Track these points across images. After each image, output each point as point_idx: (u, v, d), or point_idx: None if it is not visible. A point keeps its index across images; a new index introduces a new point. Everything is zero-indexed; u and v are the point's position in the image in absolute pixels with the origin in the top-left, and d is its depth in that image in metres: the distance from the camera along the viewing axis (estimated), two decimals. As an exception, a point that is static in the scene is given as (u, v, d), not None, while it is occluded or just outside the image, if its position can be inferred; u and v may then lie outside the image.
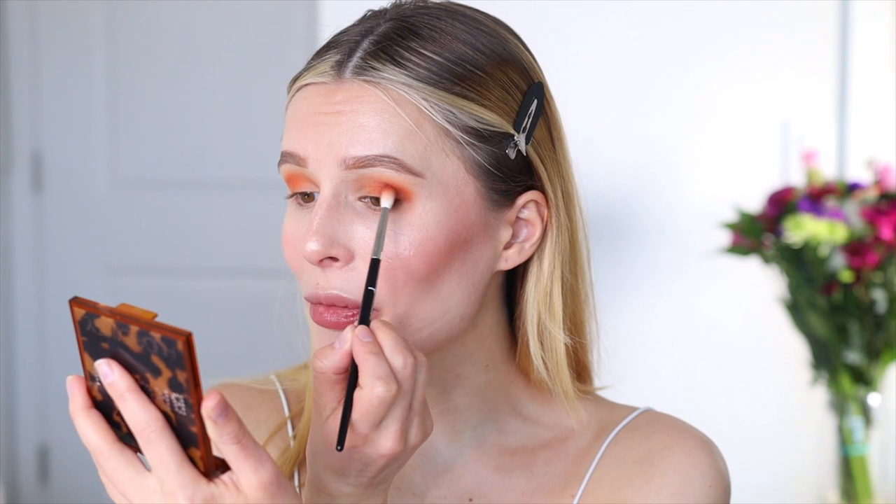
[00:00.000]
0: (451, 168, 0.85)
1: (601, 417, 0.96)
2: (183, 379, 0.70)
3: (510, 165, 0.87)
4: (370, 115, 0.83)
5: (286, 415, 0.98)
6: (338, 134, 0.84)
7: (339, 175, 0.84)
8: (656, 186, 2.27)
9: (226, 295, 3.11)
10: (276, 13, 3.05)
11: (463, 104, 0.84)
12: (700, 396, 2.22)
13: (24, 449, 3.27)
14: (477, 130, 0.85)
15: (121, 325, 0.71)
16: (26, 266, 3.27)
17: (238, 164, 3.10)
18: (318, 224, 0.83)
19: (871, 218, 1.94)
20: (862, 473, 1.98)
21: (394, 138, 0.83)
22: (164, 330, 0.70)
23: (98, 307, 0.72)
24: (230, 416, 0.71)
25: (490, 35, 0.88)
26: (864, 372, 1.99)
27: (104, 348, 0.73)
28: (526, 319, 0.91)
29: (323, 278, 0.85)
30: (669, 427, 0.95)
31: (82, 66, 3.19)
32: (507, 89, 0.87)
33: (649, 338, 2.28)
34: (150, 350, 0.71)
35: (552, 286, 0.90)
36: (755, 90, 2.25)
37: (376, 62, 0.84)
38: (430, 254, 0.84)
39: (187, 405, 0.71)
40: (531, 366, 0.92)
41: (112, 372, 0.72)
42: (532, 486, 0.93)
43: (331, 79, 0.85)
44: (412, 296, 0.84)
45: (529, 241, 0.89)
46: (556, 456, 0.94)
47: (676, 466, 0.91)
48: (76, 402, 0.75)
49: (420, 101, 0.83)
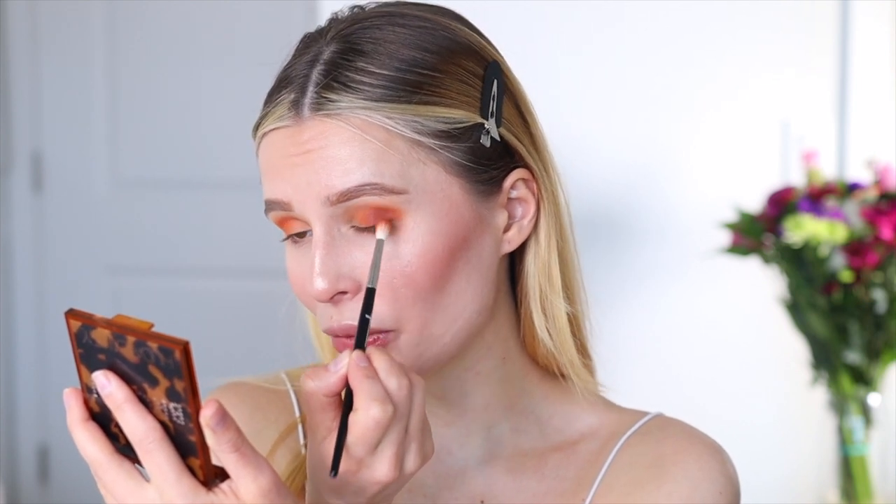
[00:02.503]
0: (431, 175, 0.84)
1: (612, 422, 0.96)
2: (181, 388, 0.70)
3: (488, 154, 0.86)
4: (340, 147, 0.83)
5: (296, 415, 0.97)
6: (314, 172, 0.83)
7: (326, 212, 0.84)
8: (656, 186, 2.27)
9: (226, 295, 3.12)
10: (275, 13, 3.05)
11: (426, 111, 0.84)
12: (700, 396, 2.22)
13: (24, 449, 3.27)
14: (447, 132, 0.84)
15: (117, 336, 0.71)
16: (26, 266, 3.27)
17: (238, 164, 3.10)
18: (320, 264, 0.83)
19: (871, 218, 1.94)
20: (862, 473, 1.98)
21: (369, 164, 0.82)
22: (160, 339, 0.69)
23: (94, 319, 0.72)
24: (229, 425, 0.71)
25: (433, 30, 0.87)
26: (864, 372, 1.99)
27: (101, 359, 0.73)
28: (528, 294, 0.91)
29: (336, 312, 0.85)
30: (680, 433, 0.95)
31: (82, 66, 3.19)
32: (464, 80, 0.86)
33: (649, 338, 2.28)
34: (147, 360, 0.70)
35: (549, 256, 0.90)
36: (755, 90, 2.25)
37: (330, 93, 0.83)
38: (431, 264, 0.84)
39: (185, 414, 0.71)
40: (537, 340, 0.92)
41: (109, 383, 0.72)
42: (543, 488, 0.93)
43: (291, 121, 0.85)
44: (424, 308, 0.85)
45: (527, 218, 0.90)
46: (567, 459, 0.94)
47: (687, 473, 0.91)
48: (73, 414, 0.74)
49: (384, 122, 0.83)
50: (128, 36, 3.17)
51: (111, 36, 3.17)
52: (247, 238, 3.09)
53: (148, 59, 3.15)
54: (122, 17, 3.17)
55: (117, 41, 3.17)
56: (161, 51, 3.14)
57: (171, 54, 3.13)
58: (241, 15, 3.09)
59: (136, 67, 3.16)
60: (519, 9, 2.25)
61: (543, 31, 2.25)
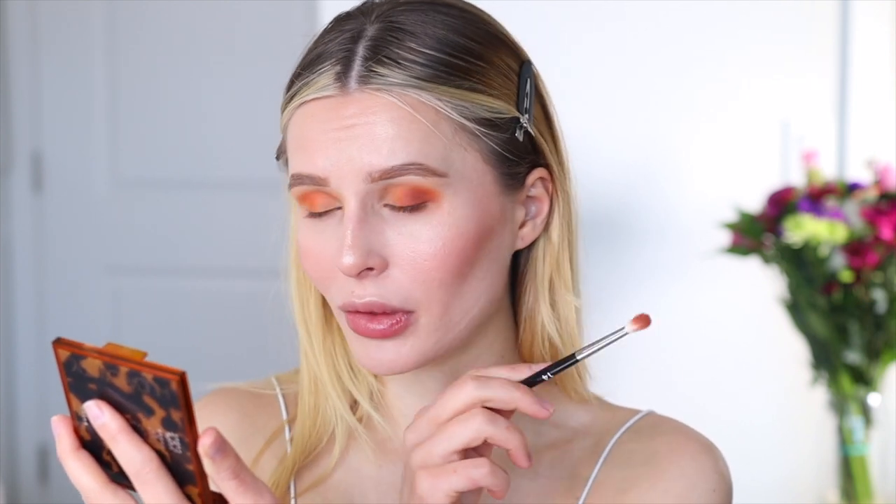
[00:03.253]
0: (470, 161, 0.85)
1: (604, 419, 0.96)
2: (178, 418, 0.69)
3: (519, 147, 0.87)
4: (387, 125, 0.82)
5: (283, 418, 0.97)
6: (357, 148, 0.83)
7: (365, 188, 0.83)
8: (656, 186, 2.27)
9: (226, 295, 3.12)
10: (275, 13, 3.05)
11: (474, 97, 0.84)
12: (700, 396, 2.22)
13: (24, 449, 3.27)
14: (490, 120, 0.85)
15: (109, 366, 0.70)
16: (26, 266, 3.27)
17: (238, 164, 3.10)
18: (352, 238, 0.83)
19: (871, 218, 1.94)
20: (862, 473, 1.98)
21: (415, 144, 0.83)
22: (155, 370, 0.68)
23: (84, 348, 0.71)
24: (227, 452, 0.70)
25: (475, 21, 0.88)
26: (864, 372, 1.99)
27: (91, 389, 0.71)
28: (537, 289, 0.92)
29: (358, 286, 0.84)
30: (673, 430, 0.95)
31: (82, 66, 3.19)
32: (506, 75, 0.87)
33: (649, 338, 2.27)
34: (141, 390, 0.69)
35: (561, 254, 0.91)
36: (755, 90, 2.25)
37: (380, 68, 0.83)
38: (462, 249, 0.84)
39: (183, 444, 0.70)
40: (536, 339, 0.92)
41: (102, 413, 0.71)
42: (536, 487, 0.93)
43: (335, 91, 0.84)
44: (447, 292, 0.85)
45: (540, 217, 0.90)
46: (561, 457, 0.94)
47: (681, 471, 0.91)
48: (64, 443, 0.73)
49: (435, 102, 0.83)
50: (128, 36, 3.17)
51: (111, 36, 3.17)
52: (247, 238, 3.09)
53: (148, 59, 3.15)
54: (122, 17, 3.17)
55: (117, 41, 3.17)
56: (161, 51, 3.14)
57: (171, 54, 3.13)
58: (241, 15, 3.09)
59: (136, 67, 3.16)
60: (519, 9, 2.25)
61: (543, 31, 2.25)
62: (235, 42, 3.09)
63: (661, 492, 0.90)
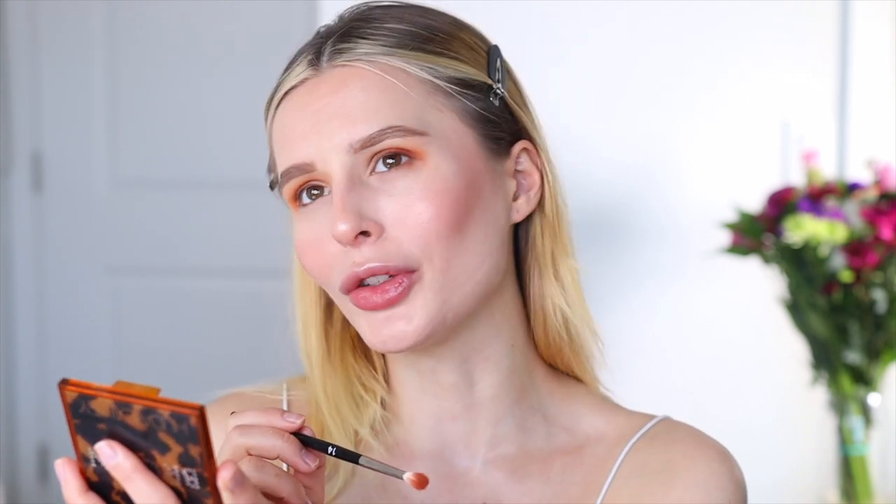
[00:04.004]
0: (448, 121, 0.87)
1: (619, 425, 0.95)
2: (196, 453, 0.68)
3: (497, 113, 0.89)
4: (359, 94, 0.85)
5: None
6: (335, 126, 0.85)
7: (350, 160, 0.85)
8: (656, 186, 2.27)
9: (226, 295, 3.11)
10: (275, 13, 3.04)
11: (441, 60, 0.87)
12: (700, 396, 2.22)
13: (24, 449, 3.27)
14: (461, 80, 0.88)
15: (121, 405, 0.68)
16: (26, 266, 3.27)
17: (238, 164, 3.10)
18: (342, 204, 0.84)
19: (871, 218, 1.94)
20: (862, 473, 1.98)
21: (388, 109, 0.85)
22: (172, 406, 0.67)
23: (93, 388, 0.69)
24: (246, 486, 0.70)
25: (440, 13, 0.91)
26: (864, 372, 1.99)
27: (101, 429, 0.70)
28: (539, 261, 0.93)
29: (358, 254, 0.85)
30: (689, 437, 0.94)
31: (82, 66, 3.19)
32: (473, 48, 0.90)
33: (649, 338, 2.28)
34: (156, 427, 0.68)
35: (558, 223, 0.93)
36: (755, 90, 2.25)
37: (348, 44, 0.87)
38: (455, 203, 0.85)
39: (201, 479, 0.69)
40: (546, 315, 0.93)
41: (116, 454, 0.70)
42: (549, 492, 0.92)
43: (309, 73, 0.87)
44: (447, 249, 0.85)
45: (533, 190, 0.92)
46: (574, 463, 0.93)
47: (698, 479, 0.91)
48: (71, 486, 0.72)
49: (403, 65, 0.86)
50: (128, 36, 3.16)
51: (111, 36, 3.17)
52: (247, 238, 3.09)
53: (148, 59, 3.15)
54: (122, 17, 3.16)
55: (117, 41, 3.17)
56: (161, 51, 3.14)
57: (171, 54, 3.13)
58: (241, 15, 3.08)
59: (136, 67, 3.16)
60: (519, 9, 2.25)
61: (543, 31, 2.25)
62: (235, 42, 3.09)
63: (676, 500, 0.90)
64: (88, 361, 3.19)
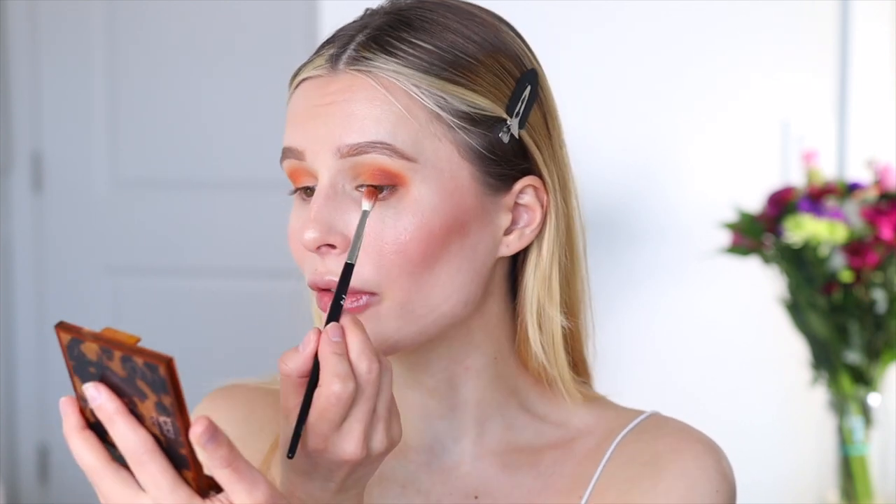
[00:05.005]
0: (444, 152, 0.86)
1: (608, 419, 0.96)
2: (168, 403, 0.70)
3: (504, 150, 0.87)
4: (362, 104, 0.85)
5: None
6: (332, 124, 0.85)
7: (335, 164, 0.85)
8: (656, 186, 2.27)
9: (226, 295, 3.12)
10: (275, 13, 3.05)
11: (453, 89, 0.86)
12: (700, 396, 2.22)
13: (24, 449, 3.27)
14: (468, 115, 0.86)
15: (105, 350, 0.71)
16: (26, 266, 3.27)
17: (238, 164, 3.10)
18: (316, 212, 0.85)
19: (871, 218, 1.94)
20: (862, 473, 1.98)
21: (386, 125, 0.84)
22: (145, 355, 0.69)
23: (82, 332, 0.72)
24: (220, 441, 0.71)
25: (482, 25, 0.89)
26: (864, 372, 1.99)
27: (91, 372, 0.73)
28: (525, 304, 0.91)
29: (321, 264, 0.86)
30: (677, 431, 0.95)
31: (82, 66, 3.19)
32: (499, 76, 0.88)
33: (649, 338, 2.28)
34: (134, 375, 0.70)
35: (551, 270, 0.91)
36: (755, 90, 2.25)
37: (367, 52, 0.86)
38: (426, 238, 0.85)
39: (175, 428, 0.70)
40: (529, 352, 0.92)
41: (100, 395, 0.72)
42: (539, 485, 0.93)
43: (326, 71, 0.87)
44: (410, 281, 0.85)
45: (530, 227, 0.90)
46: (563, 456, 0.94)
47: (684, 471, 0.91)
48: (70, 422, 0.75)
49: (410, 88, 0.85)
50: (128, 36, 3.17)
51: (111, 36, 3.17)
52: (247, 238, 3.09)
53: (148, 59, 3.15)
54: (122, 17, 3.17)
55: (117, 41, 3.17)
56: (161, 51, 3.14)
57: (171, 54, 3.13)
58: (241, 15, 3.09)
59: (136, 67, 3.16)
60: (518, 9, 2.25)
61: (543, 32, 2.24)
62: (235, 42, 3.09)
63: (663, 492, 0.91)
64: (88, 361, 3.19)
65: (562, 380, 0.93)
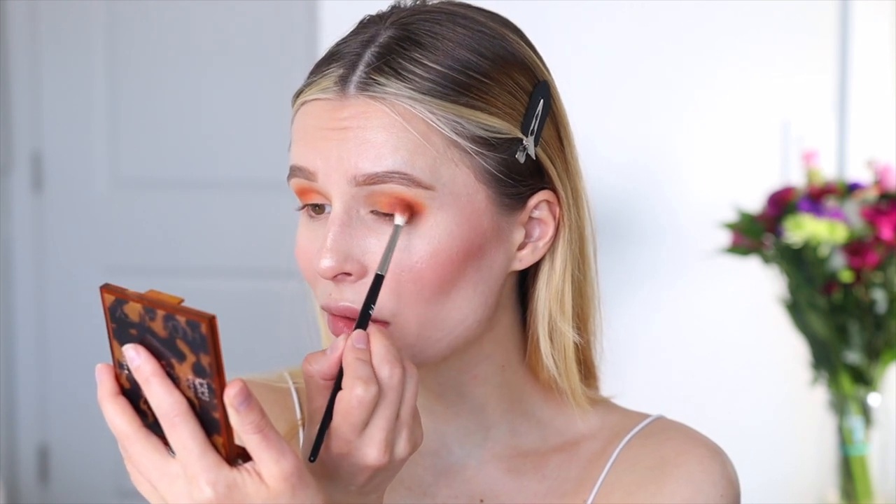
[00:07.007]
0: (461, 178, 0.84)
1: (613, 423, 0.96)
2: (206, 363, 0.70)
3: (520, 170, 0.86)
4: (378, 131, 0.83)
5: (297, 415, 0.97)
6: (346, 150, 0.83)
7: (350, 191, 0.84)
8: (656, 186, 2.27)
9: (226, 295, 3.11)
10: (276, 14, 3.05)
11: (470, 114, 0.84)
12: (700, 396, 2.22)
13: (24, 449, 3.27)
14: (485, 139, 0.84)
15: (148, 310, 0.72)
16: (26, 266, 3.27)
17: (238, 164, 3.11)
18: (332, 241, 0.83)
19: (871, 218, 1.94)
20: (862, 473, 1.98)
21: (402, 153, 0.83)
22: (188, 314, 0.70)
23: (126, 293, 0.73)
24: (252, 406, 0.71)
25: (492, 37, 0.87)
26: (864, 372, 1.99)
27: (132, 334, 0.74)
28: (537, 317, 0.91)
29: (336, 290, 0.85)
30: (682, 435, 0.95)
31: (82, 66, 3.19)
32: (512, 93, 0.86)
33: (649, 338, 2.28)
34: (175, 334, 0.71)
35: (564, 284, 0.90)
36: (755, 90, 2.25)
37: (380, 76, 0.83)
38: (442, 265, 0.84)
39: (210, 390, 0.71)
40: (540, 364, 0.92)
41: (138, 356, 0.73)
42: (544, 488, 0.93)
43: (335, 95, 0.84)
44: (426, 308, 0.84)
45: (543, 240, 0.89)
46: (568, 459, 0.94)
47: (689, 475, 0.92)
48: (104, 388, 0.75)
49: (427, 115, 0.83)
50: (128, 36, 3.17)
51: (111, 36, 3.17)
52: (247, 238, 3.09)
53: (148, 59, 3.15)
54: (122, 17, 3.17)
55: (117, 41, 3.17)
56: (161, 50, 3.14)
57: (171, 54, 3.13)
58: (240, 15, 3.09)
59: (136, 67, 3.16)
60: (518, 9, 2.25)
61: (543, 31, 2.24)
62: (235, 42, 3.09)
63: (668, 495, 0.91)
64: (89, 361, 3.18)
65: (572, 392, 0.93)
